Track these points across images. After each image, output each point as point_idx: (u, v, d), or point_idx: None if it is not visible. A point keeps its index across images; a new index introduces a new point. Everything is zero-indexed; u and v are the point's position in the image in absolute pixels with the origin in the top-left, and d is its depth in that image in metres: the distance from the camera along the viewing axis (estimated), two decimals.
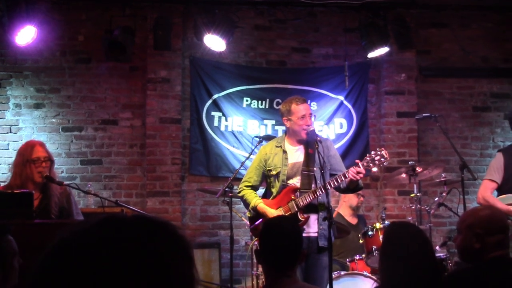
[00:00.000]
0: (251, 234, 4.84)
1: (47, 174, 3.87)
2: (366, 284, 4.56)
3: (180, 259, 0.95)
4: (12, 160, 4.26)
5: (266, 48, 6.58)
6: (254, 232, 4.50)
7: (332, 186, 4.21)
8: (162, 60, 6.23)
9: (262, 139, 5.20)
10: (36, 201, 3.78)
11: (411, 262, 2.56)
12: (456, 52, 6.70)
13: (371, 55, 6.25)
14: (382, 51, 6.18)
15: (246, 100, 6.45)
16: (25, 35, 5.53)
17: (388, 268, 2.66)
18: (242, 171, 5.04)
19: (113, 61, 6.07)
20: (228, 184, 4.92)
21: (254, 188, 4.55)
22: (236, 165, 6.06)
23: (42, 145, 4.03)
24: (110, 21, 5.95)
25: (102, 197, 4.21)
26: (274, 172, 4.42)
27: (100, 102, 6.30)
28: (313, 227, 4.30)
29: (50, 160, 3.95)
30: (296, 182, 4.36)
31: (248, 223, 4.69)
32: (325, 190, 4.08)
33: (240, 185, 4.60)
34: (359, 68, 6.60)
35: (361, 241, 5.00)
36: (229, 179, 5.07)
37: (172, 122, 6.24)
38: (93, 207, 5.86)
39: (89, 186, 5.85)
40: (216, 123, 6.38)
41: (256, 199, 4.42)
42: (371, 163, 4.19)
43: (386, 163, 4.40)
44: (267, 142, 4.79)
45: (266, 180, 4.55)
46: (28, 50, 5.93)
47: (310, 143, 4.35)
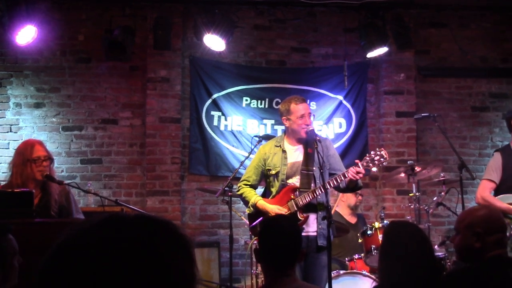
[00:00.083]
0: (251, 233, 4.84)
1: (47, 173, 3.88)
2: (365, 283, 4.57)
3: (181, 259, 0.96)
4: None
5: (266, 48, 6.59)
6: (254, 231, 4.51)
7: (331, 185, 4.21)
8: (162, 59, 6.24)
9: (261, 139, 5.21)
10: (36, 199, 3.77)
11: (410, 261, 2.56)
12: (455, 52, 6.70)
13: (370, 55, 6.26)
14: (381, 51, 6.18)
15: (245, 100, 6.46)
16: (25, 34, 5.53)
17: (387, 267, 2.66)
18: (241, 171, 5.05)
19: (113, 60, 6.09)
20: (228, 183, 4.94)
21: (253, 187, 4.55)
22: (236, 164, 6.07)
23: (41, 144, 4.02)
24: (110, 20, 5.96)
25: (102, 196, 4.21)
26: (273, 172, 4.42)
27: (100, 102, 6.31)
28: (312, 226, 4.30)
29: (50, 159, 3.96)
30: (295, 181, 4.36)
31: (248, 222, 4.70)
32: (324, 189, 4.08)
33: (239, 184, 4.60)
34: (358, 68, 6.60)
35: (360, 240, 5.02)
36: (228, 178, 5.09)
37: (171, 122, 6.25)
38: (93, 206, 5.88)
39: (89, 185, 5.85)
40: (215, 123, 6.39)
41: (255, 196, 4.43)
42: (370, 163, 4.20)
43: (386, 163, 4.40)
44: (267, 141, 4.80)
45: (265, 179, 4.56)
46: (29, 49, 5.94)
47: (309, 142, 4.35)
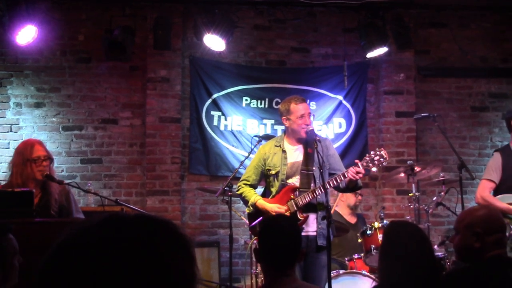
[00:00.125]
0: (250, 233, 4.85)
1: (48, 173, 3.88)
2: (365, 283, 4.58)
3: (181, 258, 0.96)
4: None
5: (266, 48, 6.60)
6: (253, 230, 4.51)
7: (331, 185, 4.22)
8: (162, 59, 6.24)
9: (261, 139, 5.21)
10: (36, 198, 3.77)
11: (410, 261, 2.57)
12: (455, 52, 6.71)
13: (370, 55, 6.26)
14: (381, 51, 6.18)
15: (245, 100, 6.46)
16: (25, 34, 5.54)
17: (387, 267, 2.66)
18: (241, 170, 5.06)
19: (113, 60, 6.10)
20: (228, 183, 4.94)
21: (253, 187, 4.56)
22: (236, 164, 6.07)
23: (41, 143, 4.03)
24: (110, 20, 5.97)
25: (102, 196, 4.21)
26: (273, 172, 4.42)
27: (100, 102, 6.31)
28: (312, 226, 4.31)
29: (50, 159, 3.96)
30: (295, 181, 4.37)
31: (247, 222, 4.71)
32: (324, 189, 4.08)
33: (238, 183, 4.61)
34: (358, 68, 6.61)
35: (359, 240, 5.02)
36: (228, 178, 5.10)
37: (171, 122, 6.25)
38: (93, 205, 5.89)
39: (89, 185, 5.86)
40: (215, 123, 6.39)
41: (255, 196, 4.44)
42: (370, 163, 4.20)
43: (386, 163, 4.41)
44: (266, 141, 4.80)
45: (265, 179, 4.57)
46: (29, 49, 5.94)
47: (309, 142, 4.35)
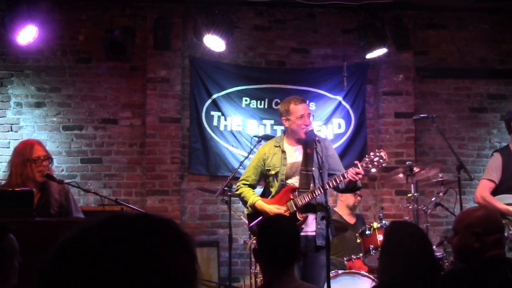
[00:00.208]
0: (250, 232, 4.87)
1: (48, 173, 3.90)
2: (364, 283, 4.60)
3: (182, 257, 0.97)
4: None
5: (266, 48, 6.61)
6: (253, 230, 4.53)
7: (330, 186, 4.23)
8: (162, 60, 6.25)
9: (261, 139, 5.21)
10: (35, 198, 3.77)
11: (410, 261, 2.57)
12: (453, 53, 6.73)
13: (369, 56, 6.28)
14: (380, 52, 6.20)
15: (245, 100, 6.48)
16: (26, 34, 5.55)
17: (387, 266, 2.67)
18: (241, 170, 5.06)
19: (113, 60, 6.10)
20: (227, 183, 4.96)
21: (252, 187, 4.57)
22: (235, 164, 6.08)
23: (40, 143, 4.04)
24: (110, 21, 6.00)
25: (102, 195, 4.21)
26: (273, 172, 4.44)
27: (100, 101, 6.32)
28: (311, 226, 4.32)
29: (50, 158, 3.97)
30: (294, 181, 4.38)
31: (247, 222, 4.72)
32: (323, 190, 4.10)
33: (237, 183, 4.62)
34: (358, 68, 6.62)
35: (358, 240, 5.04)
36: (228, 178, 5.11)
37: (171, 122, 6.26)
38: (93, 205, 5.89)
39: (89, 184, 5.86)
40: (215, 123, 6.41)
41: (254, 196, 4.45)
42: (370, 164, 4.21)
43: (385, 164, 4.42)
44: (266, 141, 4.81)
45: (264, 179, 4.58)
46: (29, 49, 5.94)
47: (308, 143, 4.36)
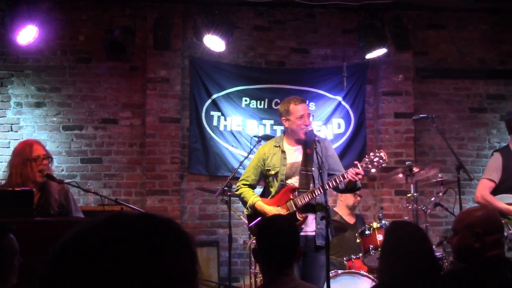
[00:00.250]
0: (249, 232, 4.88)
1: (48, 173, 3.90)
2: (363, 283, 4.61)
3: (183, 256, 0.97)
4: None
5: (265, 48, 6.62)
6: (252, 231, 4.54)
7: (330, 186, 4.23)
8: (162, 60, 6.26)
9: (260, 139, 5.21)
10: (35, 198, 3.77)
11: (409, 260, 2.57)
12: (453, 53, 6.74)
13: (369, 56, 6.29)
14: (380, 52, 6.21)
15: (245, 100, 6.48)
16: (26, 34, 5.56)
17: (387, 266, 2.67)
18: (240, 170, 5.07)
19: (113, 60, 6.11)
20: (227, 183, 4.96)
21: (252, 187, 4.57)
22: (235, 164, 6.08)
23: (39, 143, 4.05)
24: (110, 21, 6.01)
25: (102, 195, 4.21)
26: (272, 172, 4.44)
27: (100, 101, 6.33)
28: (310, 226, 4.33)
29: (49, 158, 3.98)
30: (294, 181, 4.38)
31: (246, 222, 4.73)
32: (323, 190, 4.11)
33: (237, 183, 4.62)
34: (357, 69, 6.63)
35: (358, 240, 5.05)
36: (227, 178, 5.11)
37: (171, 122, 6.27)
38: (93, 205, 5.90)
39: (89, 184, 5.87)
40: (215, 123, 6.41)
41: (254, 197, 4.45)
42: (369, 164, 4.22)
43: (385, 165, 4.42)
44: (266, 141, 4.82)
45: (264, 179, 4.59)
46: (30, 49, 5.95)
47: (308, 143, 4.36)
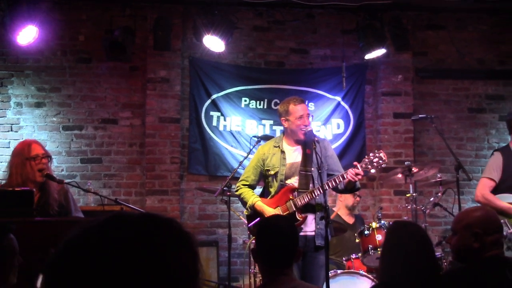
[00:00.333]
0: (249, 232, 4.89)
1: (48, 172, 3.91)
2: (362, 283, 4.62)
3: (184, 256, 0.98)
4: None
5: (265, 49, 6.63)
6: (252, 230, 4.55)
7: (330, 186, 4.24)
8: (162, 60, 6.27)
9: (260, 139, 5.20)
10: (35, 198, 3.79)
11: (409, 260, 2.58)
12: (452, 54, 6.75)
13: (368, 56, 6.30)
14: (379, 52, 6.22)
15: (244, 100, 6.50)
16: (26, 34, 5.57)
17: (387, 266, 2.68)
18: (240, 171, 5.08)
19: (113, 61, 6.12)
20: (226, 183, 4.96)
21: (251, 187, 4.58)
22: (235, 164, 6.09)
23: (38, 142, 4.06)
24: (110, 21, 6.02)
25: (101, 195, 4.22)
26: (272, 172, 4.45)
27: (100, 102, 6.34)
28: (310, 226, 4.33)
29: (48, 156, 3.99)
30: (294, 182, 4.39)
31: (246, 222, 4.74)
32: (323, 190, 4.12)
33: (237, 183, 4.63)
34: (357, 69, 6.64)
35: (357, 240, 5.07)
36: (227, 178, 5.10)
37: (171, 122, 6.28)
38: (92, 205, 5.91)
39: (89, 184, 5.88)
40: (214, 123, 6.42)
41: (253, 198, 4.46)
42: (369, 165, 4.22)
43: (384, 165, 4.43)
44: (265, 142, 4.83)
45: (264, 179, 4.59)
46: (30, 49, 5.96)
47: (307, 143, 4.37)
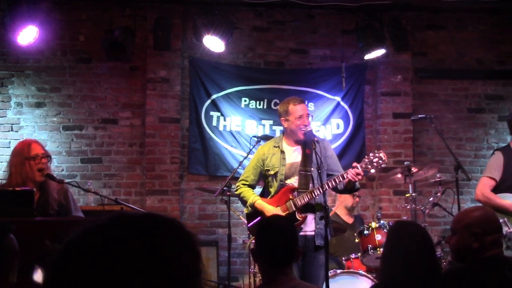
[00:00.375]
0: (249, 232, 4.90)
1: (48, 172, 3.92)
2: (362, 282, 4.63)
3: (186, 256, 0.99)
4: None
5: (265, 49, 6.64)
6: (252, 230, 4.56)
7: (330, 186, 4.24)
8: (162, 60, 6.28)
9: (260, 139, 5.21)
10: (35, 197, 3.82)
11: (409, 260, 2.58)
12: (452, 54, 6.76)
13: (367, 56, 6.31)
14: (378, 53, 6.23)
15: (244, 100, 6.50)
16: (26, 35, 5.57)
17: (387, 266, 2.68)
18: (240, 171, 5.09)
19: (113, 61, 6.13)
20: (226, 183, 4.97)
21: (251, 187, 4.59)
22: (234, 164, 6.10)
23: (38, 142, 4.06)
24: (110, 21, 6.03)
25: (102, 195, 4.22)
26: (272, 172, 4.46)
27: (100, 102, 6.35)
28: (310, 226, 4.34)
29: (48, 156, 3.99)
30: (293, 182, 4.40)
31: (246, 222, 4.75)
32: (323, 190, 4.13)
33: (237, 183, 4.64)
34: (356, 69, 6.65)
35: (357, 240, 5.08)
36: (227, 178, 5.11)
37: (171, 122, 6.29)
38: (93, 205, 5.91)
39: (89, 184, 5.89)
40: (214, 123, 6.43)
41: (253, 196, 4.47)
42: (369, 165, 4.23)
43: (384, 165, 4.44)
44: (265, 142, 4.84)
45: (264, 179, 4.61)
46: (30, 49, 5.96)
47: (307, 143, 4.38)
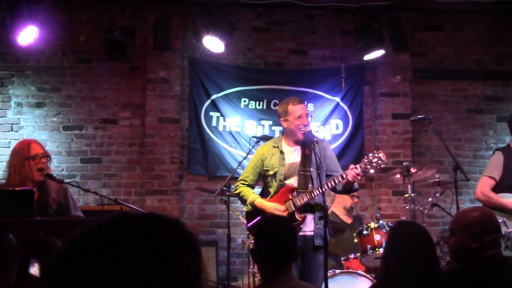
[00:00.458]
0: (248, 232, 4.91)
1: (48, 172, 3.93)
2: (361, 282, 4.65)
3: (187, 256, 0.99)
4: None
5: (264, 49, 6.64)
6: (251, 230, 4.57)
7: (329, 186, 4.25)
8: (162, 60, 6.29)
9: (259, 139, 5.22)
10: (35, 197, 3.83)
11: (409, 260, 2.59)
12: (451, 55, 6.76)
13: (367, 57, 6.32)
14: (378, 53, 6.24)
15: (244, 101, 6.52)
16: (27, 35, 5.58)
17: (387, 266, 2.69)
18: (239, 171, 5.10)
19: (113, 61, 6.13)
20: (226, 183, 4.99)
21: (250, 187, 4.61)
22: (234, 164, 6.10)
23: (37, 142, 4.06)
24: (110, 21, 6.04)
25: (101, 195, 4.22)
26: (271, 172, 4.48)
27: (100, 102, 6.35)
28: (309, 226, 4.36)
29: (48, 156, 4.00)
30: (293, 182, 4.42)
31: (245, 222, 4.77)
32: (322, 190, 4.14)
33: (236, 183, 4.66)
34: (355, 70, 6.66)
35: (356, 240, 5.09)
36: (226, 178, 5.12)
37: (171, 122, 6.30)
38: (92, 205, 5.92)
39: (89, 184, 5.90)
40: (214, 123, 6.44)
41: (253, 195, 4.49)
42: (368, 165, 4.24)
43: (383, 165, 4.45)
44: (264, 142, 4.85)
45: (263, 180, 4.62)
46: (30, 49, 5.97)
47: (306, 143, 4.40)
